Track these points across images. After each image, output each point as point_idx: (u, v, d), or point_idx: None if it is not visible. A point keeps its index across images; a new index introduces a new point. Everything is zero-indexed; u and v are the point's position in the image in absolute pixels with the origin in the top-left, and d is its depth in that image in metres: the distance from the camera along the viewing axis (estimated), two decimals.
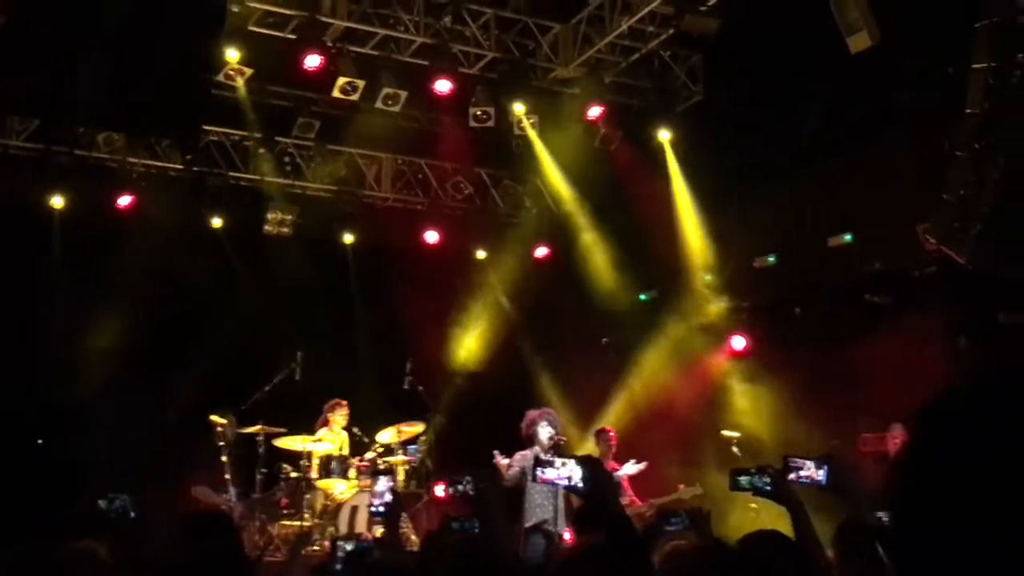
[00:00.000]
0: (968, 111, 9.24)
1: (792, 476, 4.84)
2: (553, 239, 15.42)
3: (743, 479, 4.93)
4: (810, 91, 11.76)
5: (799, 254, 12.52)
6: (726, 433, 11.21)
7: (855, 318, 10.90)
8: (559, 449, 10.06)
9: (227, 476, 11.60)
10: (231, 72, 12.25)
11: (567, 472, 4.50)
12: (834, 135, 11.39)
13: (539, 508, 9.95)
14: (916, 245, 10.13)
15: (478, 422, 13.75)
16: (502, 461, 10.07)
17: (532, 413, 10.38)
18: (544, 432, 10.06)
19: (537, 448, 10.05)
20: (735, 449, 11.13)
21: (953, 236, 9.42)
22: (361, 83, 12.57)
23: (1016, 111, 8.80)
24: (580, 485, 4.50)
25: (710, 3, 11.63)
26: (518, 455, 10.14)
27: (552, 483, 4.62)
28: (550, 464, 4.57)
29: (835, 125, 11.40)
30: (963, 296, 9.87)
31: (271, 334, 13.49)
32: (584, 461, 4.53)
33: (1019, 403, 0.99)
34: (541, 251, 15.86)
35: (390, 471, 11.69)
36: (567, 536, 9.99)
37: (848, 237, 11.83)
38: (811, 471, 4.82)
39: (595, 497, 4.55)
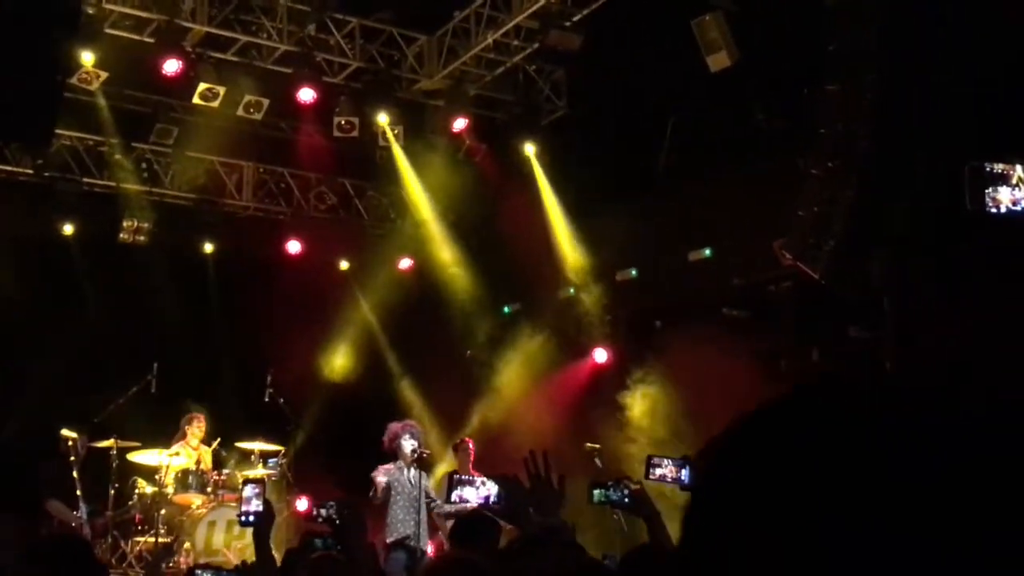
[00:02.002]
0: (822, 131, 9.55)
1: (654, 475, 4.92)
2: (417, 251, 15.35)
3: (598, 492, 4.97)
4: (671, 108, 12.00)
5: (660, 268, 12.73)
6: (588, 445, 11.31)
7: (714, 331, 11.13)
8: (422, 462, 10.02)
9: (78, 492, 11.18)
10: (86, 75, 11.85)
11: (485, 491, 4.45)
12: (695, 152, 11.63)
13: (401, 524, 9.88)
14: (773, 260, 10.40)
15: (341, 434, 13.61)
16: (379, 480, 9.98)
17: (394, 426, 10.31)
18: (407, 445, 10.00)
19: (401, 461, 9.99)
20: (597, 460, 11.22)
21: (807, 252, 9.70)
22: (222, 89, 12.32)
23: (866, 132, 9.12)
24: (497, 503, 4.46)
25: (574, 19, 11.78)
26: (382, 469, 10.06)
27: (468, 502, 4.56)
28: (469, 483, 4.52)
29: (696, 142, 11.65)
30: (816, 311, 10.17)
31: (126, 346, 13.09)
32: (501, 479, 4.49)
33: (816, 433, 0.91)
34: (405, 263, 15.78)
35: (260, 481, 11.43)
36: (429, 551, 9.95)
37: (708, 252, 12.09)
38: (672, 470, 4.91)
39: (513, 516, 4.51)
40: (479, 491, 4.42)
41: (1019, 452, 0.85)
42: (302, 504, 11.66)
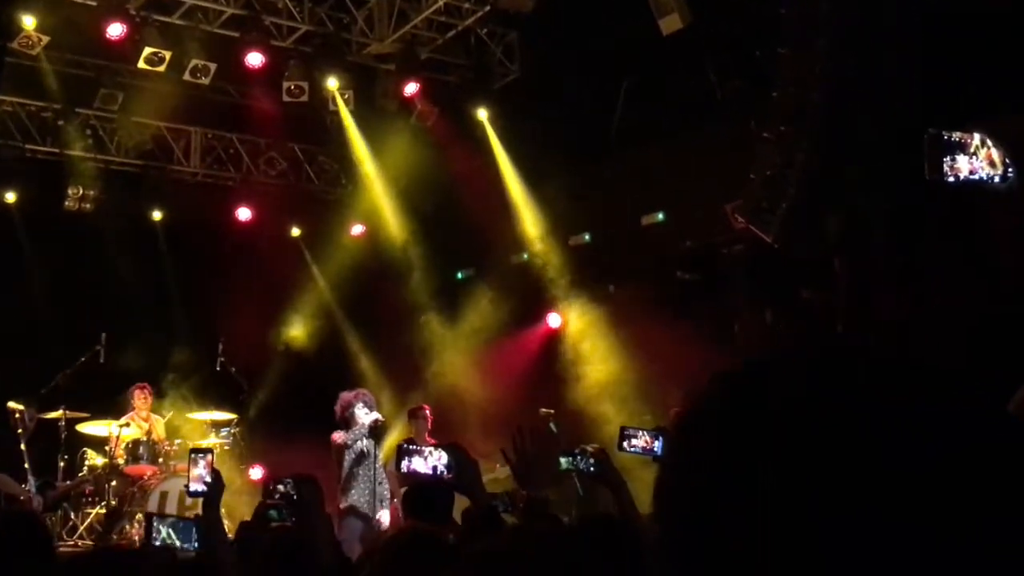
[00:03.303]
0: (774, 94, 9.54)
1: (626, 445, 4.89)
2: (369, 217, 15.23)
3: (565, 460, 4.95)
4: (623, 72, 11.95)
5: (613, 232, 12.73)
6: (543, 410, 11.32)
7: (668, 295, 11.16)
8: (376, 430, 10.00)
9: (26, 465, 11.02)
10: (27, 39, 11.57)
11: (434, 461, 4.41)
12: (647, 116, 11.60)
13: (355, 491, 9.88)
14: (725, 224, 10.42)
15: (295, 403, 13.53)
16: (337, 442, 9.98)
17: (346, 395, 10.27)
18: (361, 413, 9.98)
19: (357, 430, 9.96)
20: (552, 426, 11.24)
21: (759, 215, 9.72)
22: (168, 54, 12.09)
23: (819, 96, 9.13)
24: (447, 473, 4.42)
25: None
26: (340, 435, 10.04)
27: (417, 473, 4.52)
28: (417, 453, 4.47)
29: (648, 106, 11.61)
30: (768, 273, 10.21)
31: (73, 315, 12.90)
32: (451, 449, 4.45)
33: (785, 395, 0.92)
34: (357, 229, 15.65)
35: (208, 450, 11.33)
36: (386, 519, 9.94)
37: (661, 216, 12.10)
38: (647, 441, 4.89)
39: (463, 485, 4.48)
40: (428, 461, 4.38)
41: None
42: (256, 473, 11.61)
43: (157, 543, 4.20)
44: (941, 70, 7.75)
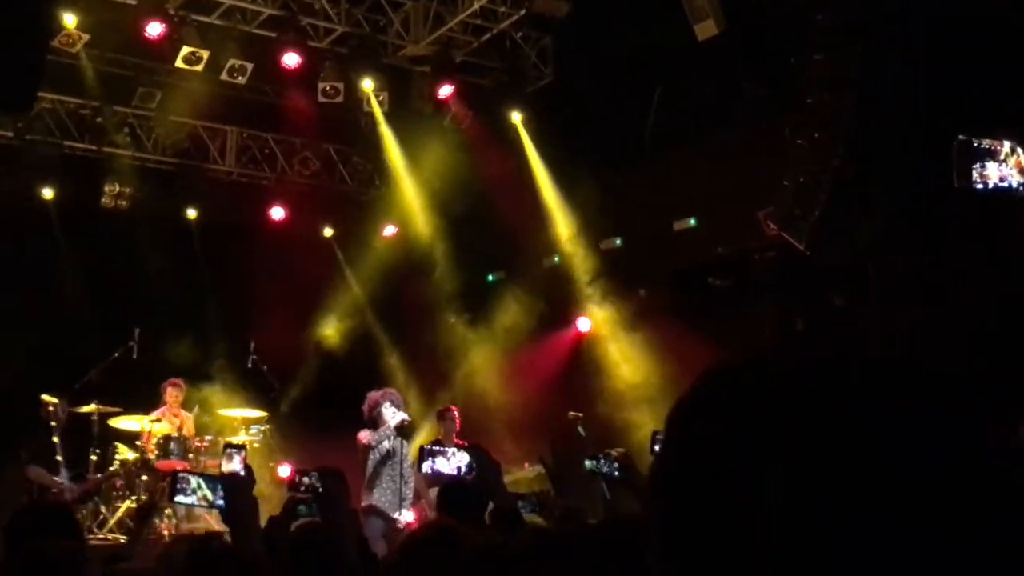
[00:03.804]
0: (809, 101, 9.52)
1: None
2: (402, 218, 15.28)
3: (590, 463, 4.96)
4: (657, 76, 11.95)
5: (645, 237, 12.71)
6: (572, 414, 11.33)
7: (699, 300, 11.13)
8: (403, 430, 10.03)
9: (59, 457, 11.14)
10: (68, 37, 11.72)
11: (457, 462, 4.44)
12: (680, 121, 11.59)
13: (379, 491, 9.92)
14: (757, 230, 10.39)
15: (325, 402, 13.59)
16: (362, 442, 10.01)
17: (374, 394, 10.30)
18: (388, 413, 10.00)
19: (383, 429, 9.99)
20: (580, 429, 11.24)
21: (792, 222, 9.70)
22: (205, 53, 12.21)
23: (852, 102, 9.10)
24: (469, 474, 4.45)
25: None
26: (363, 434, 10.07)
27: (441, 473, 4.55)
28: (440, 455, 4.50)
29: (682, 111, 11.60)
30: (800, 280, 10.17)
31: (107, 311, 13.02)
32: (473, 450, 4.48)
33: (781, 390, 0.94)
34: (390, 230, 15.71)
35: (240, 445, 11.41)
36: (412, 519, 9.97)
37: (693, 221, 12.07)
38: None
39: (483, 486, 4.51)
40: (451, 462, 4.41)
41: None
42: (284, 471, 11.66)
43: (188, 495, 4.23)
44: (972, 77, 7.71)
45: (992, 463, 0.87)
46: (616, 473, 4.74)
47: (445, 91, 13.43)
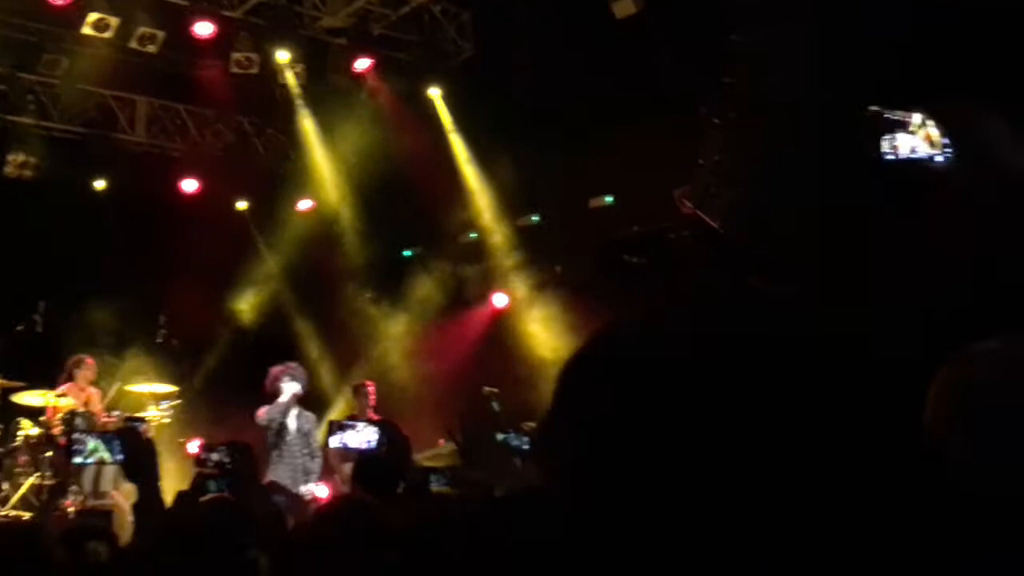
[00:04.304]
0: (726, 80, 9.59)
1: None
2: (318, 192, 15.10)
3: (501, 436, 4.96)
4: (575, 54, 11.93)
5: (562, 214, 12.74)
6: (486, 389, 11.33)
7: (615, 278, 11.19)
8: (302, 404, 10.05)
9: None
10: None
11: (366, 436, 4.41)
12: (597, 98, 11.60)
13: (275, 466, 9.90)
14: (673, 209, 10.47)
15: (238, 377, 13.40)
16: (260, 419, 9.98)
17: (275, 369, 10.32)
18: (287, 387, 10.01)
19: (276, 405, 9.97)
20: (494, 405, 11.25)
21: (707, 201, 9.78)
22: (115, 20, 11.90)
23: (770, 83, 9.18)
24: (378, 448, 4.43)
25: None
26: (263, 410, 10.04)
27: (349, 448, 4.52)
28: (350, 428, 4.47)
29: (598, 88, 11.61)
30: (715, 259, 10.27)
31: (11, 283, 12.66)
32: (382, 425, 4.46)
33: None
34: (305, 204, 15.50)
35: (140, 419, 11.24)
36: (322, 494, 9.93)
37: (610, 199, 12.12)
38: None
39: (393, 460, 4.49)
40: (360, 436, 4.39)
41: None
42: (194, 446, 11.49)
43: (84, 455, 4.15)
44: (887, 53, 7.83)
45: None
46: (526, 447, 4.74)
47: (362, 64, 13.28)
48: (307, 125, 14.37)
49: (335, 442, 4.41)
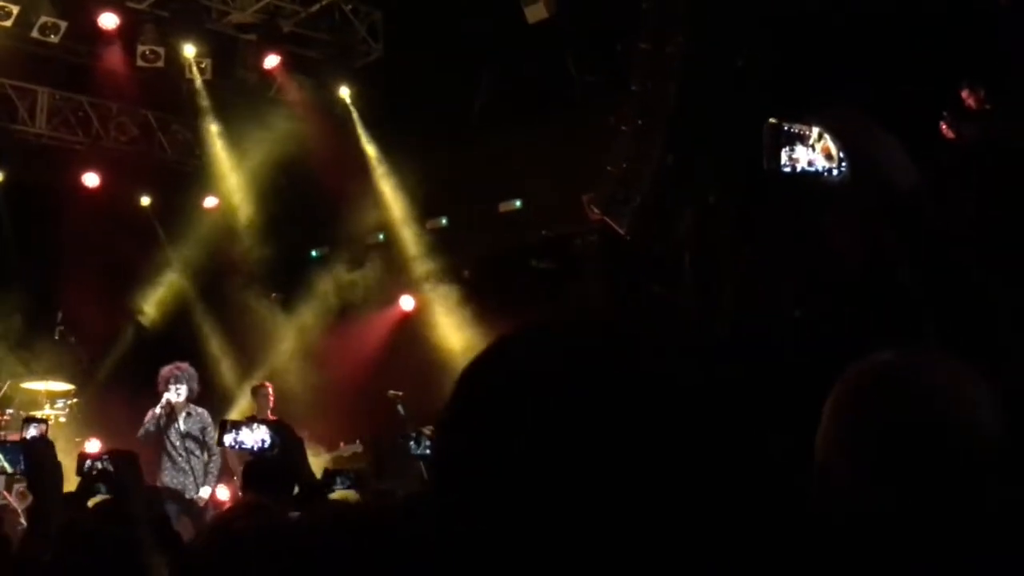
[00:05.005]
0: (633, 88, 9.69)
1: None
2: (223, 190, 14.87)
3: (404, 442, 4.94)
4: (486, 58, 11.96)
5: (471, 217, 12.75)
6: (391, 392, 11.29)
7: (522, 282, 11.23)
8: (173, 408, 9.91)
9: None
10: None
11: (259, 436, 4.34)
12: (509, 103, 11.64)
13: (170, 471, 9.78)
14: (581, 214, 10.54)
15: (138, 375, 13.14)
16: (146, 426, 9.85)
17: (165, 370, 10.18)
18: (176, 389, 9.90)
19: (164, 403, 9.86)
20: (400, 408, 11.21)
21: (614, 207, 9.87)
22: (15, 8, 11.59)
23: (675, 91, 9.30)
24: (271, 450, 4.36)
25: None
26: (151, 413, 9.90)
27: (243, 447, 4.45)
28: (242, 427, 4.40)
29: (510, 93, 11.65)
30: (621, 265, 10.37)
31: None
32: (276, 426, 4.39)
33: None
34: (210, 201, 15.25)
35: (43, 420, 10.96)
36: (222, 496, 9.82)
37: (518, 203, 12.16)
38: None
39: (287, 462, 4.42)
40: (252, 435, 4.33)
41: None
42: (92, 446, 11.24)
43: None
44: (789, 64, 7.99)
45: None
46: (427, 452, 4.72)
47: (271, 61, 13.13)
48: (213, 121, 14.15)
49: (227, 441, 4.35)
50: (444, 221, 13.12)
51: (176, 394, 9.89)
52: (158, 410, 9.93)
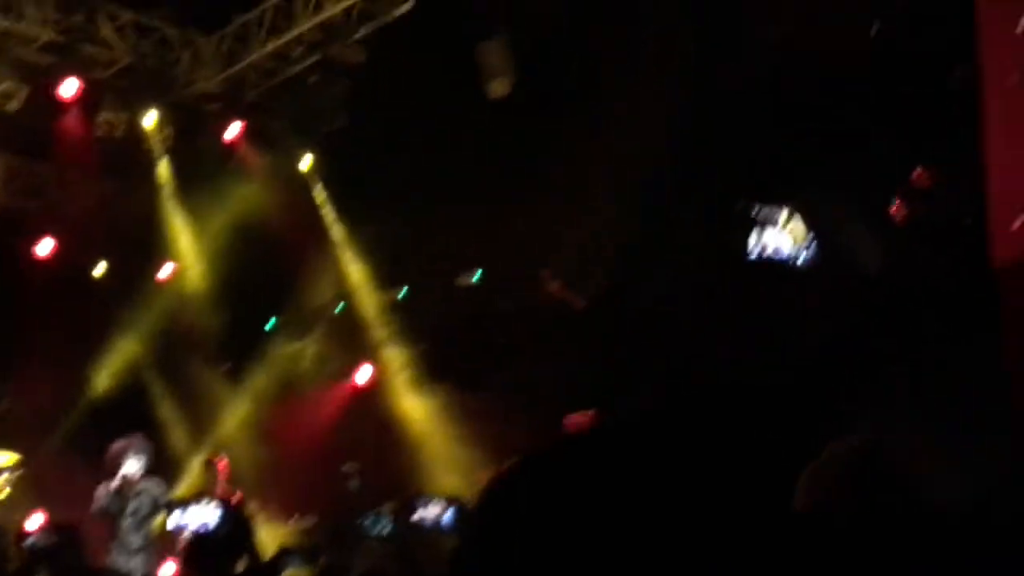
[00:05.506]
0: (595, 165, 9.75)
1: (415, 517, 4.79)
2: (181, 257, 14.73)
3: (363, 523, 4.85)
4: (451, 128, 12.03)
5: (430, 288, 12.71)
6: (346, 466, 11.16)
7: (480, 354, 11.19)
8: (128, 483, 9.69)
9: None
10: None
11: (205, 516, 4.24)
12: (470, 175, 11.69)
13: (121, 547, 9.50)
14: (541, 287, 10.54)
15: (89, 447, 12.89)
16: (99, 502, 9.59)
17: (118, 445, 9.90)
18: (130, 463, 9.66)
19: (119, 478, 9.60)
20: (354, 482, 11.08)
21: (575, 281, 9.87)
22: None
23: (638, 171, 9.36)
24: (218, 530, 4.26)
25: (359, 34, 11.68)
26: (101, 488, 9.62)
27: (187, 528, 4.34)
28: (188, 506, 4.30)
29: (473, 165, 11.71)
30: (584, 338, 10.35)
31: None
32: (223, 505, 4.29)
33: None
34: (167, 269, 15.08)
35: None
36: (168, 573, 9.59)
37: (478, 275, 12.16)
38: (436, 511, 4.80)
39: (231, 541, 4.30)
40: (199, 516, 4.23)
41: None
42: (36, 520, 10.98)
43: None
44: (757, 147, 8.07)
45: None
46: (386, 530, 4.63)
47: (234, 130, 13.11)
48: (173, 189, 14.05)
49: (172, 523, 4.24)
50: (403, 292, 13.08)
51: (130, 468, 9.63)
52: (113, 484, 9.65)
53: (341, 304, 13.45)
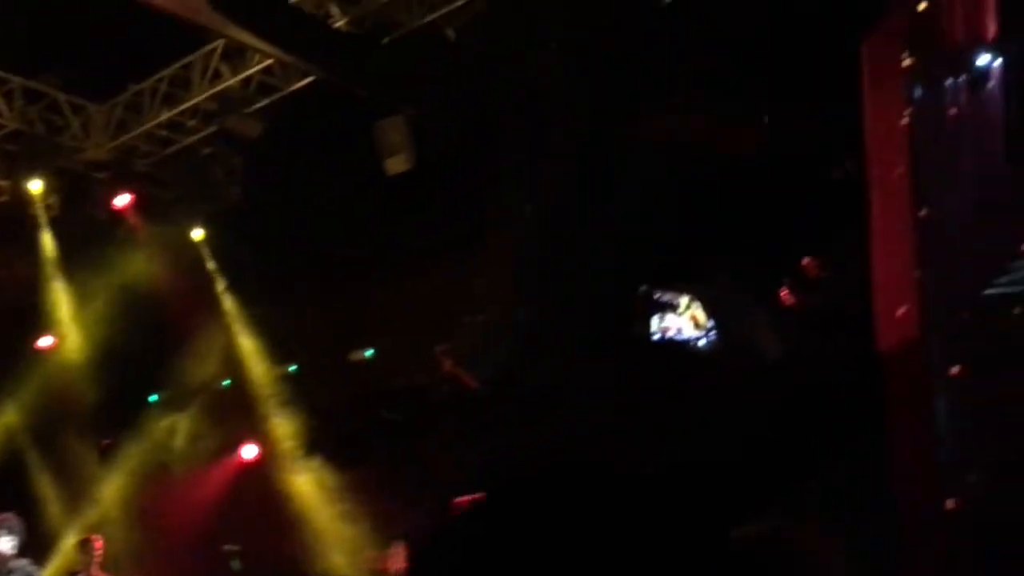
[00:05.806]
0: (491, 241, 9.82)
1: None
2: (61, 329, 14.29)
3: None
4: (343, 206, 12.00)
5: (321, 365, 12.59)
6: (227, 547, 10.88)
7: (371, 432, 11.09)
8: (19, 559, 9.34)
9: None
10: None
11: None
12: (365, 251, 11.66)
13: None
14: (434, 365, 10.53)
15: None
16: None
17: None
18: (4, 542, 9.34)
19: None
20: (234, 564, 10.81)
21: (468, 360, 9.87)
22: None
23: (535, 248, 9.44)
24: None
25: (256, 106, 11.63)
26: None
27: None
28: None
29: (367, 241, 11.69)
30: (475, 417, 10.33)
31: None
32: None
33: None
34: (46, 341, 14.61)
35: None
36: None
37: (369, 352, 12.09)
38: None
39: None
40: None
41: None
42: None
43: None
44: (659, 231, 8.22)
45: None
46: None
47: (123, 200, 12.86)
48: (56, 259, 13.68)
49: None
50: (293, 367, 12.91)
51: (2, 546, 9.30)
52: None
53: (227, 379, 13.19)
